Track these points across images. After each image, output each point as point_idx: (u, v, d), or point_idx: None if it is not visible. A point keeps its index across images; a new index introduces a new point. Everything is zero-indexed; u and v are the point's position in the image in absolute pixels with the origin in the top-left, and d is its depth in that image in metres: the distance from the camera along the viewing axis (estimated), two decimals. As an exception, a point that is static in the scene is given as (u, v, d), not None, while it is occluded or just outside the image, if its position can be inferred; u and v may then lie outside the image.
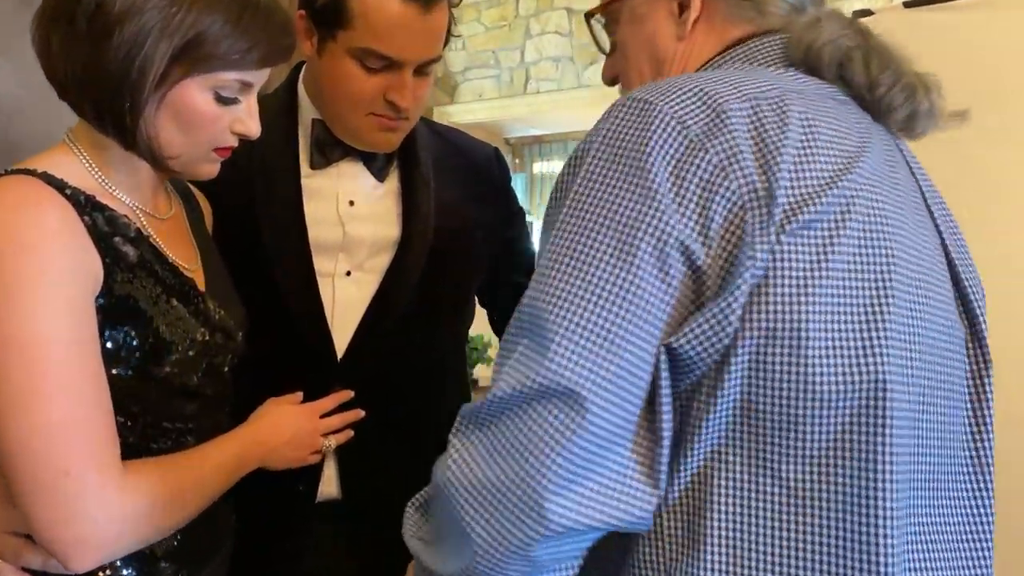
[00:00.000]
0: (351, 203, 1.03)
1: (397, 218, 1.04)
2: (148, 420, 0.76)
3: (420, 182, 1.05)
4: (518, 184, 11.20)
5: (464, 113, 6.10)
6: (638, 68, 0.73)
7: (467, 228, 1.08)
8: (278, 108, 1.05)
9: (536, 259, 0.61)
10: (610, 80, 0.80)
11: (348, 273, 1.01)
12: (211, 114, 0.75)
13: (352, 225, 1.02)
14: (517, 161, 11.53)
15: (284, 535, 0.96)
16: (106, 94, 0.71)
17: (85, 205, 0.72)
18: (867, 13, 1.58)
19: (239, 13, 0.72)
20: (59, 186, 0.71)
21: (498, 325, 1.24)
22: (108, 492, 0.65)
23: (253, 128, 0.79)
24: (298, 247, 0.99)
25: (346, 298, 1.00)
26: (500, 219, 1.16)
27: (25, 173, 0.71)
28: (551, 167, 10.94)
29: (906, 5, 1.54)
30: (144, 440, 0.75)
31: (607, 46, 0.80)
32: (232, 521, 0.86)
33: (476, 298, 1.20)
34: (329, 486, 0.97)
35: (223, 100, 0.75)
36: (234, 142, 0.79)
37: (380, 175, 1.04)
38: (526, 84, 5.77)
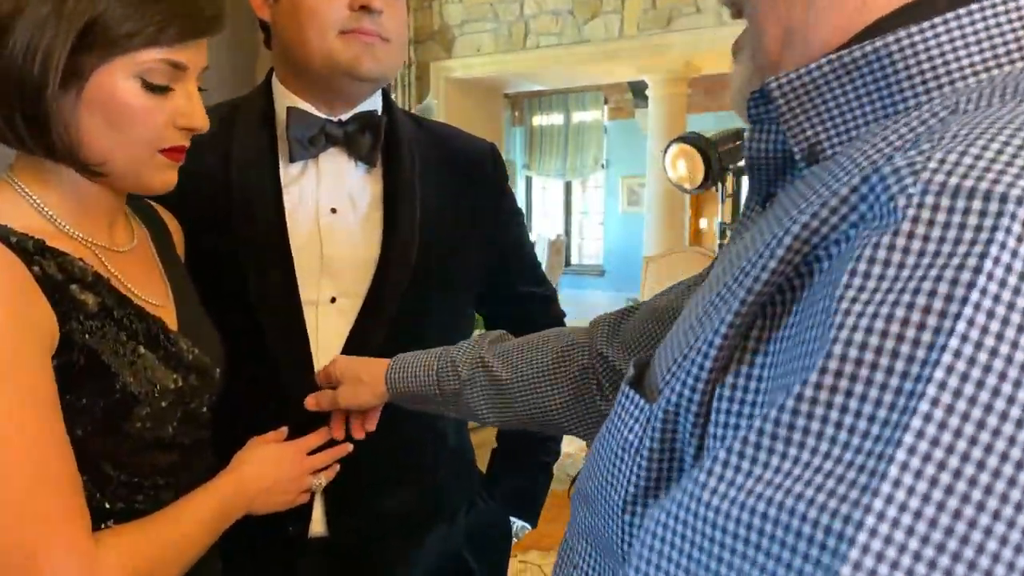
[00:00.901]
0: (333, 211, 0.97)
1: (379, 231, 0.98)
2: (121, 479, 0.71)
3: (403, 191, 0.98)
4: (516, 137, 11.06)
5: (461, 68, 5.94)
6: (770, 34, 0.46)
7: (457, 238, 1.02)
8: (252, 112, 0.98)
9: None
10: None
11: (333, 300, 0.95)
12: (141, 105, 0.68)
13: (332, 244, 0.96)
14: (516, 114, 11.36)
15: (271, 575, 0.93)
16: (15, 104, 0.65)
17: (33, 253, 0.66)
18: None
19: None
20: (3, 235, 0.65)
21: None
22: (78, 571, 0.62)
23: (198, 119, 0.72)
24: (282, 275, 0.93)
25: (330, 326, 0.95)
26: (494, 222, 1.09)
27: None
28: (550, 120, 10.77)
29: None
30: (117, 500, 0.70)
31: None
32: (218, 568, 0.83)
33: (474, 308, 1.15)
34: (317, 525, 0.94)
35: (153, 88, 0.68)
36: (181, 140, 0.72)
37: (369, 159, 0.97)
38: (525, 38, 5.60)
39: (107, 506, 0.70)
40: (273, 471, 0.83)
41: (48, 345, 0.65)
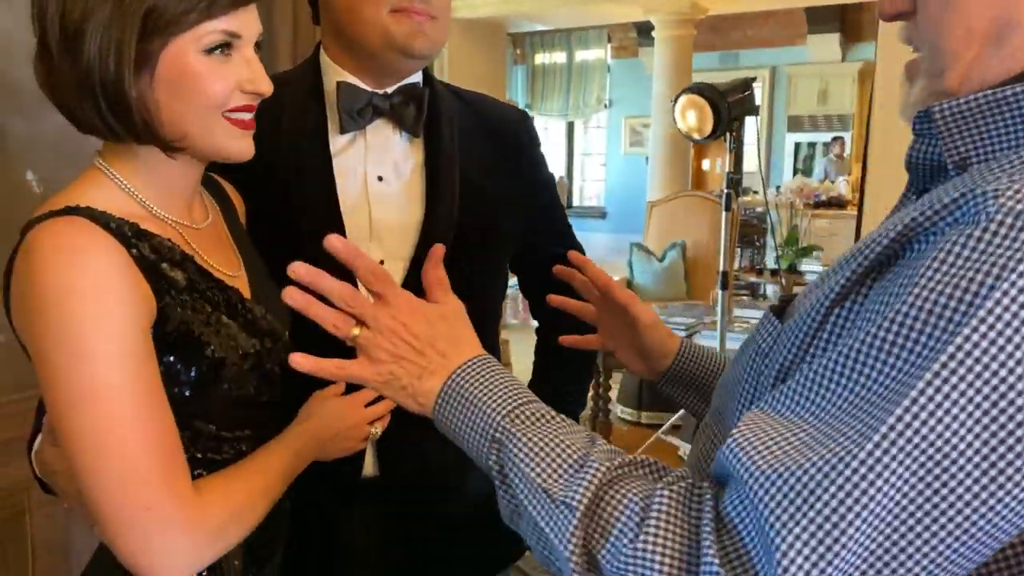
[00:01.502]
0: (379, 178, 1.04)
1: (422, 198, 1.05)
2: (210, 433, 0.80)
3: (444, 159, 1.05)
4: (518, 76, 10.91)
5: (465, 7, 5.85)
6: (967, 30, 0.54)
7: (494, 202, 1.09)
8: (302, 86, 1.04)
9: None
10: (892, 16, 0.60)
11: (381, 262, 1.03)
12: (204, 70, 0.75)
13: (379, 209, 1.03)
14: (518, 52, 11.17)
15: (327, 513, 1.03)
16: (100, 97, 0.72)
17: (131, 236, 0.74)
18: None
19: None
20: (104, 222, 0.72)
21: (530, 292, 1.27)
22: (186, 519, 0.71)
23: (261, 82, 0.79)
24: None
25: None
26: (528, 190, 1.16)
27: (69, 212, 0.72)
28: (553, 58, 10.59)
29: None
30: (206, 453, 0.80)
31: None
32: (287, 506, 0.93)
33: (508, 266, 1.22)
34: (369, 467, 1.04)
35: (211, 52, 0.75)
36: (246, 101, 0.79)
37: (413, 129, 1.03)
38: (530, -23, 5.52)
39: (198, 456, 0.80)
40: (337, 422, 0.92)
41: (147, 320, 0.73)
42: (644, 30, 7.98)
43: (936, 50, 0.57)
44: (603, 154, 10.70)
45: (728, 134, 2.82)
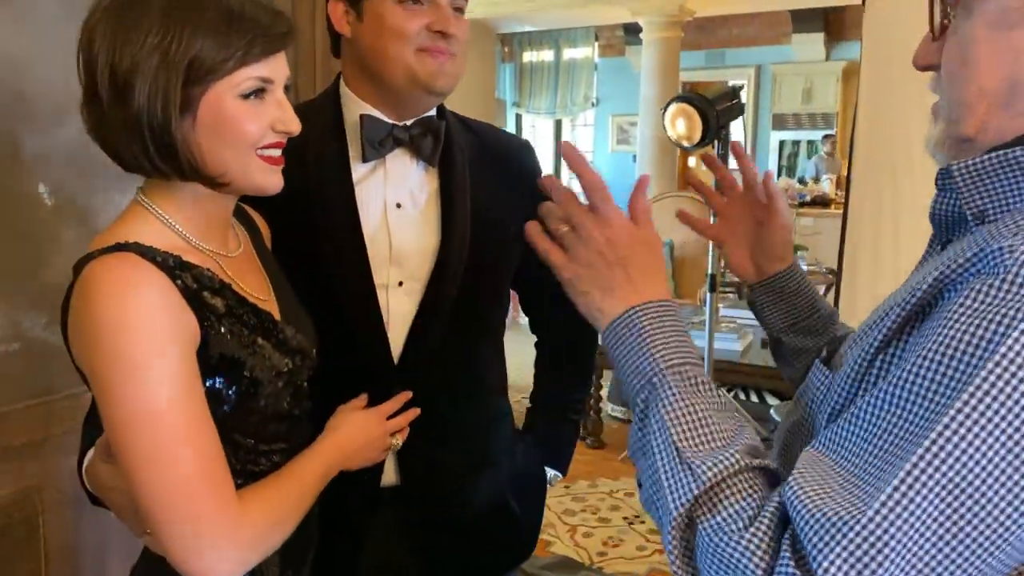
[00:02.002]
0: (398, 205, 1.10)
1: (437, 223, 1.11)
2: (248, 446, 0.87)
3: (457, 188, 1.12)
4: (506, 74, 10.94)
5: (455, 10, 5.87)
6: (979, 87, 0.61)
7: (501, 225, 1.16)
8: (324, 118, 1.10)
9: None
10: (923, 67, 0.67)
11: (400, 284, 1.10)
12: (241, 113, 0.81)
13: (399, 235, 1.09)
14: (506, 50, 11.22)
15: (352, 519, 1.10)
16: (148, 140, 0.79)
17: (175, 268, 0.80)
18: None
19: (226, 23, 0.79)
20: (151, 256, 0.79)
21: (529, 307, 1.35)
22: (232, 527, 0.78)
23: (291, 122, 0.85)
24: (358, 264, 1.06)
25: (399, 307, 1.10)
26: (531, 214, 1.23)
27: (120, 249, 0.78)
28: (541, 56, 10.65)
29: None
30: (245, 464, 0.86)
31: (937, 27, 0.65)
32: (317, 511, 0.99)
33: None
34: (389, 475, 1.11)
35: (246, 96, 0.81)
36: (277, 139, 0.85)
37: (431, 159, 1.10)
38: (520, -20, 5.57)
39: (238, 468, 0.86)
40: (362, 434, 0.99)
41: (193, 345, 0.80)
42: (631, 29, 8.05)
43: (952, 101, 0.64)
44: (591, 151, 10.77)
45: (717, 141, 2.90)
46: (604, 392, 3.92)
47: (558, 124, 10.93)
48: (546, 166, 11.05)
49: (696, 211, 4.58)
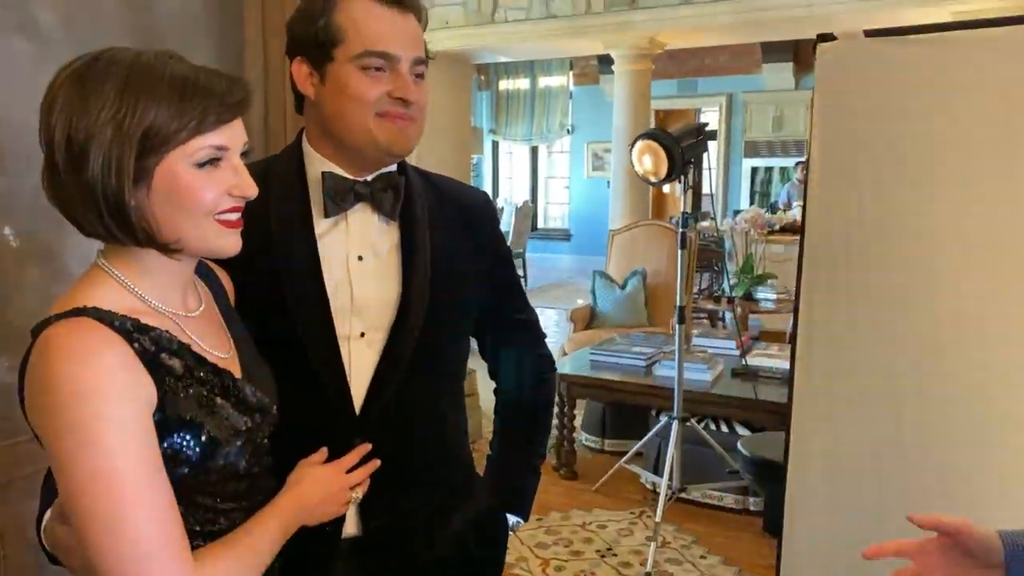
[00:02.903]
0: (360, 258, 1.13)
1: (398, 275, 1.14)
2: (207, 506, 0.88)
3: (417, 240, 1.14)
4: (483, 102, 11.04)
5: (430, 42, 5.92)
6: None
7: (462, 276, 1.19)
8: (287, 174, 1.12)
9: None
10: None
11: (362, 335, 1.12)
12: (196, 182, 0.83)
13: (360, 287, 1.12)
14: (483, 78, 11.33)
15: (314, 571, 1.11)
16: (102, 208, 0.80)
17: (133, 331, 0.81)
18: (831, 37, 1.67)
19: (180, 93, 0.81)
20: (109, 320, 0.80)
21: (488, 354, 1.37)
22: None
23: (247, 187, 0.87)
24: (321, 316, 1.08)
25: (361, 358, 1.11)
26: (491, 261, 1.26)
27: (77, 313, 0.80)
28: (517, 84, 10.77)
29: (866, 34, 1.62)
30: (204, 525, 0.87)
31: None
32: (277, 565, 1.00)
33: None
34: (351, 526, 1.12)
35: (202, 165, 0.83)
36: (234, 204, 0.87)
37: (391, 214, 1.13)
38: (494, 12, 5.65)
39: (197, 529, 0.87)
40: (321, 488, 1.00)
41: (149, 408, 0.81)
42: (605, 59, 8.19)
43: None
44: (567, 178, 10.88)
45: (683, 176, 2.97)
46: (578, 421, 3.94)
47: (534, 150, 11.03)
48: (522, 191, 11.16)
49: (667, 240, 4.61)
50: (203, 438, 0.85)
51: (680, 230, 3.07)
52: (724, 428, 3.43)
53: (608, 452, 3.97)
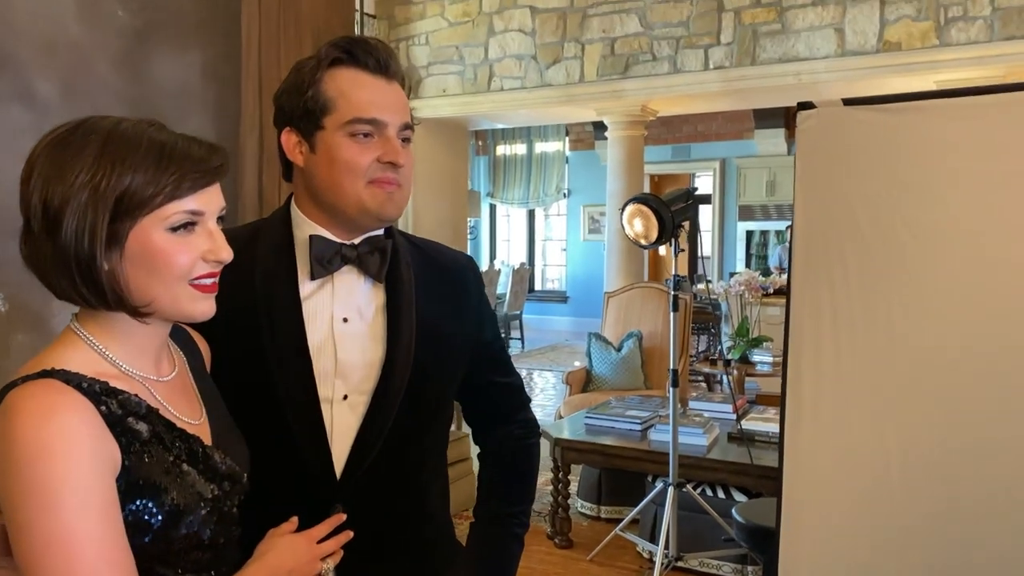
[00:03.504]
0: (344, 320, 1.13)
1: (383, 337, 1.14)
2: (169, 574, 0.86)
3: (403, 303, 1.15)
4: (480, 166, 11.26)
5: (428, 109, 6.11)
6: None
7: (447, 339, 1.18)
8: (275, 237, 1.14)
9: None
10: None
11: (345, 397, 1.11)
12: (170, 247, 0.83)
13: (344, 349, 1.11)
14: (480, 143, 11.58)
15: None
16: (75, 273, 0.81)
17: (100, 394, 0.81)
18: (810, 106, 1.71)
19: (156, 159, 0.82)
20: (76, 383, 0.80)
21: (472, 418, 1.36)
22: None
23: (222, 252, 0.87)
24: (303, 377, 1.08)
25: (343, 421, 1.10)
26: (475, 324, 1.26)
27: (45, 375, 0.79)
28: (514, 150, 11.00)
29: (845, 102, 1.67)
30: (166, 596, 0.86)
31: None
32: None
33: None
34: None
35: (176, 230, 0.83)
36: (208, 269, 0.87)
37: (377, 276, 1.13)
38: (490, 81, 5.81)
39: (157, 600, 0.85)
40: (290, 559, 0.97)
41: (112, 472, 0.80)
42: (600, 125, 8.38)
43: None
44: (564, 240, 10.98)
45: (673, 240, 3.00)
46: (573, 488, 3.87)
47: (531, 213, 11.17)
48: (519, 253, 11.25)
49: (662, 301, 4.64)
50: (167, 505, 0.83)
51: (672, 292, 3.08)
52: (720, 494, 3.37)
53: (604, 519, 3.88)
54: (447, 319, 1.19)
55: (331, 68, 1.08)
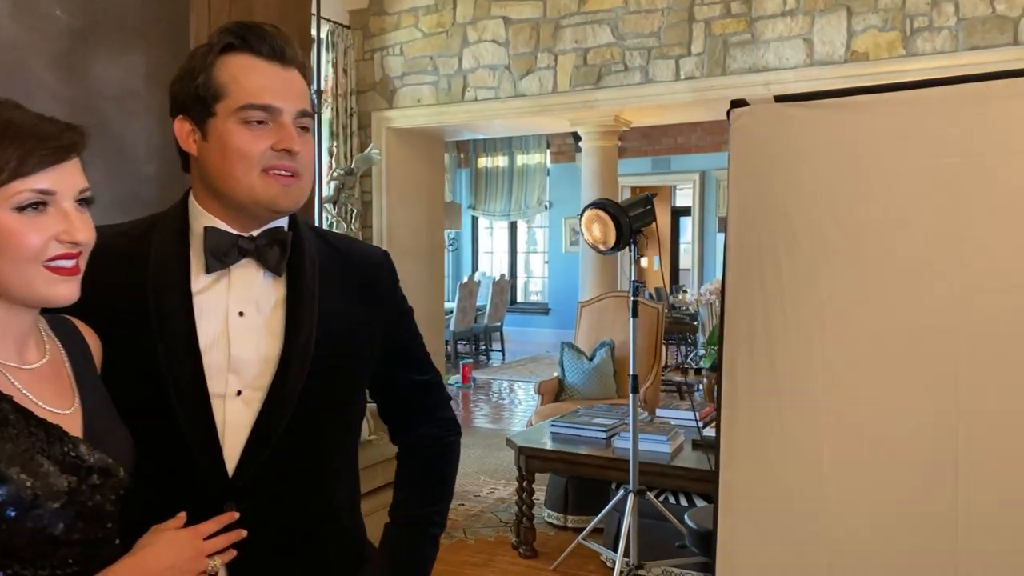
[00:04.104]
0: (240, 314, 1.10)
1: (281, 332, 1.11)
2: (20, 571, 0.82)
3: (304, 296, 1.12)
4: (462, 178, 11.25)
5: (402, 119, 6.11)
6: None
7: (353, 335, 1.16)
8: (170, 230, 1.11)
9: None
10: None
11: (239, 393, 1.08)
12: (17, 227, 0.80)
13: (239, 344, 1.08)
14: (462, 156, 11.59)
15: None
16: None
17: None
18: (743, 103, 1.70)
19: (0, 137, 0.79)
20: None
21: (388, 416, 1.33)
22: None
23: (77, 232, 0.84)
24: (192, 373, 1.05)
25: (237, 417, 1.07)
26: (386, 322, 1.23)
27: None
28: (495, 162, 11.02)
29: (777, 99, 1.66)
30: (23, 589, 0.82)
31: None
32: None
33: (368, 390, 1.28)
34: None
35: (23, 209, 0.81)
36: (64, 250, 0.84)
37: (277, 268, 1.11)
38: (464, 91, 5.81)
39: (13, 595, 0.81)
40: (170, 554, 0.94)
41: None
42: (580, 136, 8.42)
43: None
44: (546, 252, 10.98)
45: (632, 245, 2.99)
46: (540, 497, 3.83)
47: (513, 226, 11.17)
48: (499, 264, 11.24)
49: (639, 311, 4.58)
50: (14, 495, 0.80)
51: (632, 298, 3.07)
52: (683, 501, 3.34)
53: (571, 529, 3.84)
54: (353, 315, 1.16)
55: (224, 54, 1.06)
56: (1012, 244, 1.43)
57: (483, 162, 10.57)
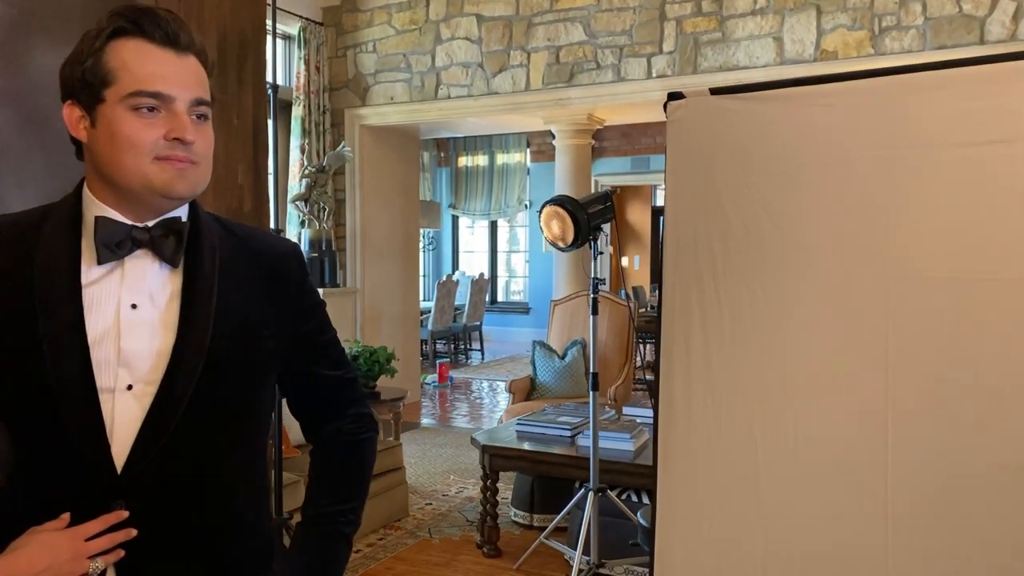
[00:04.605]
0: (133, 306, 1.06)
1: (175, 324, 1.07)
2: None
3: (201, 288, 1.09)
4: (442, 177, 11.21)
5: (376, 116, 6.08)
6: None
7: (256, 327, 1.12)
8: (61, 220, 1.08)
9: None
10: None
11: (129, 387, 1.05)
12: None
13: (129, 336, 1.05)
14: (442, 155, 11.56)
15: None
16: None
17: None
18: (679, 96, 1.69)
19: None
20: None
21: (299, 412, 1.30)
22: None
23: None
24: (78, 366, 1.02)
25: (126, 412, 1.04)
26: (293, 315, 1.19)
27: None
28: (475, 161, 10.99)
29: (712, 92, 1.64)
30: None
31: None
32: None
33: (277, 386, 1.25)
34: None
35: None
36: None
37: (173, 260, 1.08)
38: (437, 89, 5.78)
39: None
40: (45, 556, 0.91)
41: None
42: (558, 136, 8.41)
43: None
44: (527, 251, 10.96)
45: (591, 242, 2.97)
46: (505, 496, 3.80)
47: (493, 225, 11.14)
48: (481, 264, 11.21)
49: (607, 310, 4.61)
50: None
51: (591, 296, 3.05)
52: (645, 500, 3.32)
53: (537, 528, 3.81)
54: (256, 308, 1.13)
55: (115, 39, 1.03)
56: (942, 236, 1.42)
57: (463, 161, 10.54)
